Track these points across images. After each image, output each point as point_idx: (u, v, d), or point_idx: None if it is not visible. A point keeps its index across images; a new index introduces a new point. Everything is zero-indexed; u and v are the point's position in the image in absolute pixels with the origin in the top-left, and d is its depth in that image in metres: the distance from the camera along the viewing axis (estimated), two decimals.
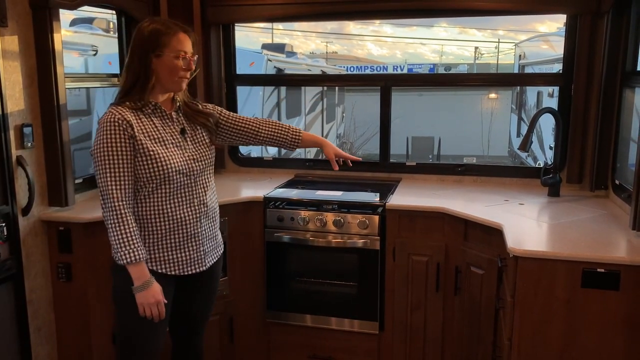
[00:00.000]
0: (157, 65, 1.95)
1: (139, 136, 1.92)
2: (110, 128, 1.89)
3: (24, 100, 2.45)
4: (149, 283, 1.93)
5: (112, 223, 1.88)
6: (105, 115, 1.92)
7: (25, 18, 2.44)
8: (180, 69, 1.97)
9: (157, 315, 1.95)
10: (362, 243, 2.84)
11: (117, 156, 1.89)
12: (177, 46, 1.96)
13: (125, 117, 1.91)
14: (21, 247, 2.45)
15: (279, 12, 3.33)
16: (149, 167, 1.94)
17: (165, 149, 1.98)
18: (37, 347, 2.58)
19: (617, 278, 1.95)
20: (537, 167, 4.07)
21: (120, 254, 1.88)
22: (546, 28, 19.35)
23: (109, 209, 1.88)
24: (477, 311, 2.61)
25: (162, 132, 2.00)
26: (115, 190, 1.88)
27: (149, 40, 1.94)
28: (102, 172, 1.89)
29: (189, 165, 2.03)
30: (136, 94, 1.97)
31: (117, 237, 1.88)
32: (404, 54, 39.37)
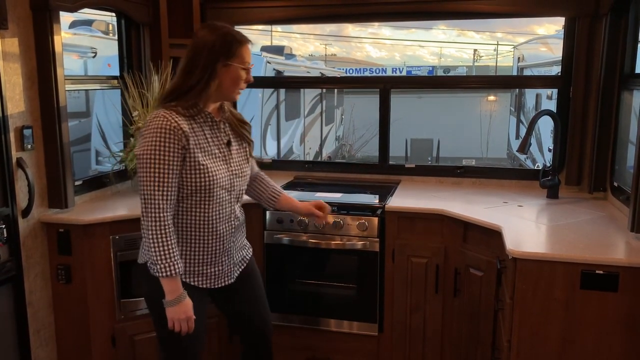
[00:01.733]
0: (222, 73, 1.89)
1: (192, 148, 1.86)
2: (163, 135, 1.81)
3: (24, 102, 2.46)
4: (182, 298, 1.88)
5: (153, 233, 1.83)
6: (158, 120, 1.83)
7: (25, 20, 2.44)
8: (243, 81, 1.94)
9: (186, 330, 1.92)
10: (361, 245, 2.84)
11: (167, 165, 1.82)
12: (246, 57, 1.92)
13: (182, 126, 1.83)
14: (21, 249, 2.45)
15: (278, 15, 3.34)
16: (197, 180, 1.89)
17: (214, 162, 1.94)
18: (36, 349, 2.59)
19: (616, 279, 1.96)
20: (536, 169, 4.08)
21: (158, 266, 1.83)
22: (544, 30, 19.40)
23: (152, 219, 1.82)
24: (476, 313, 2.62)
25: (211, 144, 1.95)
26: (161, 199, 1.82)
27: (221, 47, 1.88)
28: (148, 179, 1.82)
29: (232, 181, 2.00)
30: (191, 98, 1.89)
31: (156, 249, 1.83)
32: (403, 57, 39.41)
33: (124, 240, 2.63)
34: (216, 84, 1.89)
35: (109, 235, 2.60)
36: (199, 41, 1.90)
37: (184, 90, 1.89)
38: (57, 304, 2.67)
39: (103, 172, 3.18)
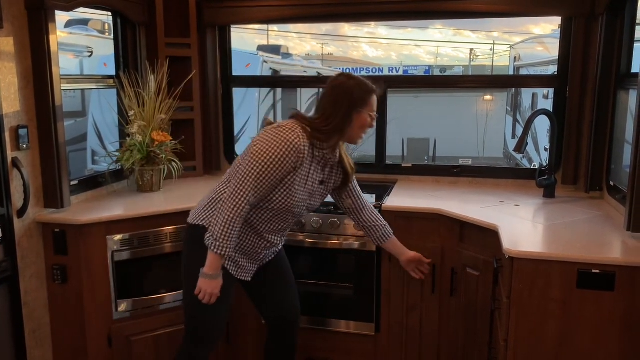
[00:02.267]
0: (354, 119, 2.12)
1: (299, 174, 2.11)
2: (289, 149, 2.03)
3: (19, 102, 2.44)
4: (217, 276, 2.13)
5: (226, 215, 2.05)
6: (294, 135, 2.04)
7: (20, 19, 2.43)
8: (368, 127, 2.17)
9: (208, 302, 2.15)
10: (358, 244, 2.84)
11: (272, 172, 2.04)
12: (374, 105, 2.17)
13: (306, 153, 2.08)
14: (16, 249, 2.44)
15: (275, 14, 3.33)
16: (283, 197, 2.14)
17: (301, 193, 2.18)
18: (32, 350, 2.57)
19: (612, 279, 1.96)
20: (533, 168, 4.09)
21: (216, 242, 2.06)
22: (540, 30, 19.43)
23: (234, 203, 2.05)
24: (473, 312, 2.62)
25: (311, 177, 2.19)
26: (250, 194, 2.05)
27: (359, 96, 2.13)
28: (251, 171, 2.04)
29: (302, 210, 2.26)
30: (326, 135, 2.11)
31: (221, 227, 2.06)
32: (400, 56, 39.43)
33: (120, 240, 2.62)
34: (348, 127, 2.13)
35: (105, 235, 2.59)
36: (340, 88, 2.14)
37: (322, 127, 2.11)
38: (53, 304, 2.65)
39: (99, 171, 3.17)
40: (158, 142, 3.02)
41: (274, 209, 2.18)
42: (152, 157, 3.03)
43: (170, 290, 2.79)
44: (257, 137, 2.12)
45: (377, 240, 2.54)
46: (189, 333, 2.33)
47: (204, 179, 3.51)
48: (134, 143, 3.00)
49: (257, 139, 2.09)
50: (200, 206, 2.28)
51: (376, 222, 2.51)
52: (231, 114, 3.69)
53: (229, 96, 3.65)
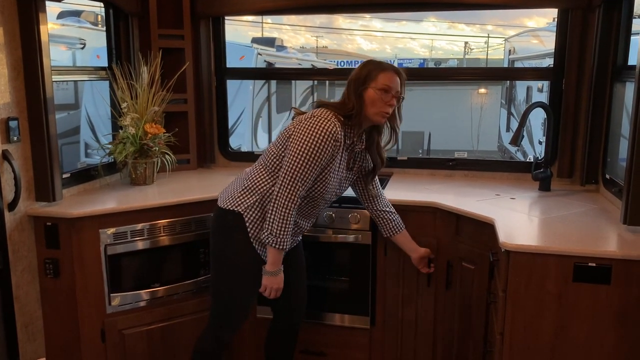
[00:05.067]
0: (364, 96, 2.16)
1: (334, 162, 2.19)
2: (328, 139, 2.10)
3: (9, 94, 2.41)
4: (279, 272, 2.23)
5: (281, 210, 2.13)
6: (329, 124, 2.11)
7: (10, 9, 2.39)
8: (382, 102, 2.16)
9: (275, 297, 2.27)
10: (353, 238, 2.83)
11: (316, 162, 2.11)
12: (382, 80, 2.16)
13: (341, 141, 2.16)
14: (7, 243, 2.41)
15: (268, 5, 3.30)
16: (318, 184, 2.21)
17: (335, 179, 2.25)
18: (24, 344, 2.55)
19: (608, 272, 1.95)
20: (528, 161, 4.09)
21: (275, 238, 2.15)
22: (534, 23, 19.43)
23: (286, 198, 2.12)
24: (468, 306, 2.61)
25: (342, 164, 2.26)
26: (299, 186, 2.12)
27: (363, 72, 2.18)
28: (297, 166, 2.10)
29: (331, 197, 2.34)
30: (354, 120, 2.18)
31: (279, 223, 2.14)
32: (394, 49, 39.40)
33: (112, 233, 2.60)
34: (361, 105, 2.17)
35: (97, 229, 2.56)
36: (353, 71, 2.24)
37: (347, 111, 2.18)
38: (45, 298, 2.63)
39: (92, 164, 3.13)
40: (151, 134, 2.99)
41: (309, 197, 2.24)
42: (145, 150, 3.00)
43: (164, 284, 2.77)
44: (293, 127, 2.18)
45: (389, 232, 2.57)
46: (216, 317, 2.41)
47: (197, 172, 3.49)
48: (127, 135, 2.97)
49: (296, 130, 2.14)
50: (232, 192, 2.32)
51: (390, 213, 2.56)
52: (225, 106, 3.66)
53: (222, 88, 3.62)
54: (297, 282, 2.56)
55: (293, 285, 2.50)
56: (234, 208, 2.26)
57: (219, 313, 2.41)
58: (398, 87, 2.21)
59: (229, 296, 2.37)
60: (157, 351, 2.77)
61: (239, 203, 2.26)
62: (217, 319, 2.41)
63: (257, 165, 2.32)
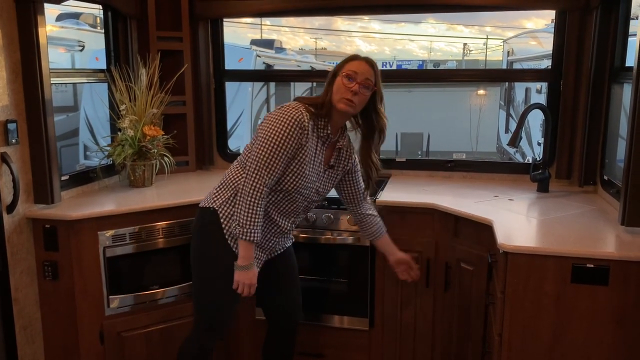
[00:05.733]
0: (333, 85, 2.14)
1: (305, 151, 2.12)
2: (293, 125, 2.06)
3: (8, 96, 2.41)
4: (251, 266, 2.15)
5: (247, 200, 2.07)
6: (295, 111, 2.08)
7: (8, 12, 2.39)
8: (345, 89, 2.10)
9: (248, 294, 2.17)
10: (352, 240, 2.83)
11: (282, 150, 2.06)
12: (349, 67, 2.12)
13: (309, 128, 2.10)
14: (6, 245, 2.41)
15: (266, 7, 3.30)
16: (292, 177, 2.14)
17: (309, 173, 2.18)
18: (23, 346, 2.55)
19: (606, 273, 1.95)
20: (527, 163, 4.09)
21: (243, 230, 2.08)
22: (533, 24, 19.39)
23: (251, 187, 2.07)
24: (467, 307, 2.61)
25: (317, 158, 2.20)
26: (265, 175, 2.07)
27: (337, 68, 2.17)
28: (262, 152, 2.06)
29: (312, 194, 2.26)
30: (325, 111, 2.15)
31: (245, 214, 2.08)
32: (393, 51, 39.39)
33: (111, 235, 2.60)
34: (330, 94, 2.14)
35: (96, 231, 2.56)
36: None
37: (318, 102, 2.16)
38: (43, 300, 2.63)
39: (91, 166, 3.13)
40: (150, 136, 2.99)
41: (283, 190, 2.19)
42: (144, 152, 3.00)
43: (163, 286, 2.77)
44: (263, 120, 2.18)
45: (370, 236, 2.52)
46: (199, 322, 2.36)
47: (196, 174, 3.49)
48: (126, 138, 2.97)
49: (263, 121, 2.14)
50: (210, 191, 2.32)
51: (373, 216, 2.50)
52: (224, 109, 3.67)
53: (221, 90, 3.62)
54: (289, 286, 2.52)
55: (284, 289, 2.49)
56: (209, 205, 2.26)
57: (202, 318, 2.36)
58: (367, 75, 2.12)
59: (211, 299, 2.31)
60: (156, 353, 2.77)
61: (214, 200, 2.25)
62: (200, 325, 2.36)
63: (234, 163, 2.33)
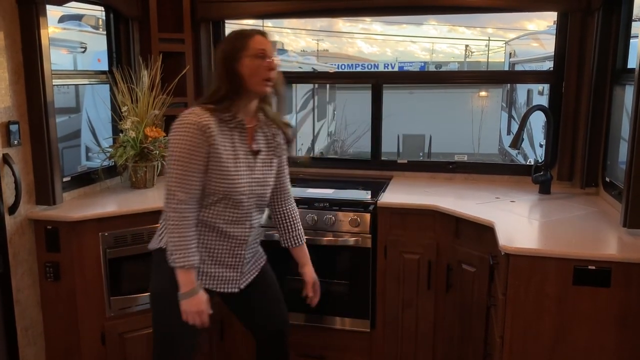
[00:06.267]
0: (239, 70, 1.92)
1: (218, 149, 1.91)
2: (191, 130, 1.87)
3: (10, 97, 2.41)
4: (194, 292, 1.92)
5: (172, 223, 1.89)
6: (190, 116, 1.90)
7: (11, 14, 2.40)
8: (263, 68, 1.93)
9: (200, 324, 1.95)
10: (353, 241, 2.83)
11: (191, 160, 1.88)
12: (255, 45, 1.93)
13: (210, 125, 1.89)
14: (8, 246, 2.42)
15: (268, 9, 3.30)
16: (217, 180, 1.94)
17: (236, 167, 1.97)
18: (24, 348, 2.55)
19: (608, 275, 1.95)
20: (528, 164, 4.08)
21: (174, 257, 1.88)
22: (535, 26, 19.39)
23: (172, 209, 1.89)
24: (468, 309, 2.61)
25: (238, 149, 1.99)
26: (180, 192, 1.88)
27: (230, 48, 1.94)
28: (171, 172, 1.89)
29: (252, 188, 2.03)
30: (224, 102, 1.94)
31: (174, 239, 1.89)
32: (395, 52, 39.35)
33: (113, 237, 2.60)
34: (240, 82, 1.93)
35: (98, 232, 2.57)
36: (216, 52, 2.01)
37: (217, 97, 1.95)
38: (45, 302, 2.63)
39: (92, 168, 3.14)
40: (151, 138, 2.99)
41: (219, 199, 1.97)
42: (146, 153, 3.01)
43: None
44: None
45: (288, 241, 2.27)
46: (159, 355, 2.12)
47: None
48: (127, 139, 2.97)
49: (169, 139, 1.95)
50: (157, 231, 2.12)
51: (296, 221, 2.29)
52: None
53: None
54: (272, 305, 2.29)
55: (260, 306, 2.26)
56: (156, 247, 2.06)
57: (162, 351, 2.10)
58: (272, 48, 1.98)
59: (170, 337, 2.07)
60: None
61: (160, 240, 2.05)
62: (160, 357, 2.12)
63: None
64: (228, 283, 2.09)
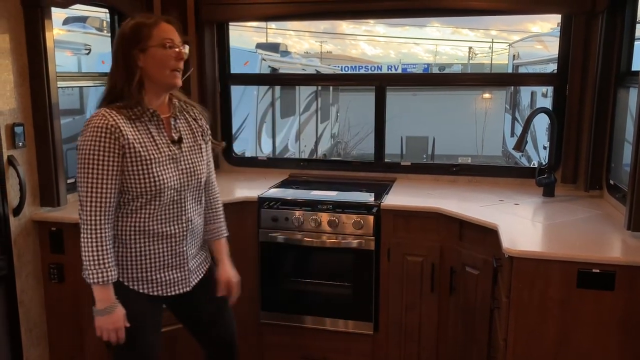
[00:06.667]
0: (144, 61, 1.78)
1: (133, 148, 1.77)
2: (99, 134, 1.72)
3: (15, 99, 2.43)
4: (112, 308, 1.78)
5: (86, 237, 1.75)
6: (95, 118, 1.74)
7: (16, 16, 2.41)
8: (171, 59, 1.79)
9: (116, 340, 1.82)
10: (356, 243, 2.82)
11: (104, 166, 1.73)
12: (161, 35, 1.78)
13: (119, 124, 1.74)
14: (12, 248, 2.43)
15: (272, 11, 3.32)
16: (141, 182, 1.79)
17: (160, 163, 1.82)
18: (28, 349, 2.56)
19: (612, 278, 1.95)
20: (532, 167, 4.08)
21: (88, 272, 1.75)
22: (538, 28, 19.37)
23: (86, 222, 1.75)
24: (472, 311, 2.61)
25: (158, 142, 1.84)
26: (96, 202, 1.74)
27: (131, 37, 1.78)
28: (83, 181, 1.74)
29: (182, 180, 1.88)
30: (129, 97, 1.78)
31: (88, 254, 1.75)
32: (398, 54, 39.36)
33: None
34: (144, 74, 1.79)
35: None
36: (115, 40, 1.84)
37: (119, 91, 1.80)
38: (49, 303, 2.64)
39: None
40: None
41: (147, 199, 1.82)
42: None
43: None
44: None
45: (210, 233, 2.11)
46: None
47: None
48: None
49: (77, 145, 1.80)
50: None
51: (218, 212, 2.14)
52: (229, 112, 3.68)
53: (227, 94, 3.63)
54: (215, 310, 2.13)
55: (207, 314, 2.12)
56: None
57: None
58: (179, 37, 1.83)
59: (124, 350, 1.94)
60: (162, 357, 2.76)
61: None
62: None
63: None
64: (176, 284, 1.95)
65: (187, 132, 1.95)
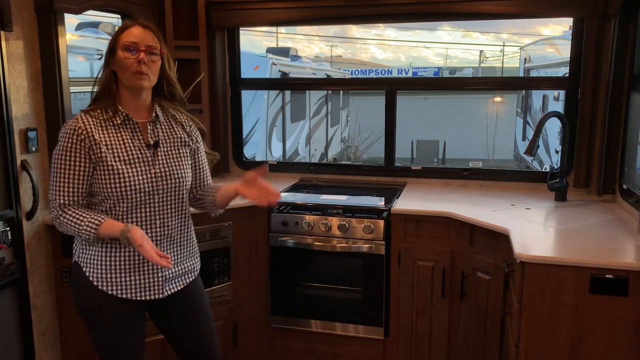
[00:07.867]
0: (115, 65, 1.86)
1: (102, 149, 1.82)
2: (68, 137, 1.81)
3: (28, 105, 2.45)
4: (127, 229, 1.78)
5: (63, 223, 1.83)
6: (68, 122, 1.86)
7: (30, 22, 2.44)
8: (132, 62, 1.83)
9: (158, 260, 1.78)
10: (367, 248, 2.82)
11: (68, 165, 1.81)
12: (126, 38, 1.85)
13: (88, 127, 1.82)
14: (25, 252, 2.45)
15: (283, 16, 3.33)
16: (108, 183, 1.82)
17: (129, 164, 1.85)
18: (40, 352, 2.58)
19: (626, 284, 1.93)
20: (544, 171, 4.05)
21: (85, 233, 1.80)
22: (550, 31, 19.31)
23: (55, 216, 1.84)
24: (483, 317, 2.59)
25: (130, 146, 1.87)
26: (60, 197, 1.82)
27: (110, 41, 1.89)
28: (51, 179, 1.84)
29: (154, 184, 1.88)
30: (105, 99, 1.88)
31: (73, 227, 1.81)
32: (408, 58, 39.33)
33: None
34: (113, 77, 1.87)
35: None
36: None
37: (98, 94, 1.91)
38: (61, 306, 2.66)
39: None
40: None
41: (118, 200, 1.84)
42: None
43: None
44: None
45: (212, 203, 2.13)
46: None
47: (212, 182, 3.50)
48: None
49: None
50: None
51: (209, 188, 2.16)
52: (240, 117, 3.69)
53: (237, 98, 3.65)
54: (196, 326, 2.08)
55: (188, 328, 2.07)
56: (73, 260, 1.97)
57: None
58: (149, 41, 1.86)
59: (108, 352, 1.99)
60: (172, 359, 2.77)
61: (74, 253, 1.98)
62: None
63: None
64: (147, 290, 1.92)
65: (168, 138, 1.98)
